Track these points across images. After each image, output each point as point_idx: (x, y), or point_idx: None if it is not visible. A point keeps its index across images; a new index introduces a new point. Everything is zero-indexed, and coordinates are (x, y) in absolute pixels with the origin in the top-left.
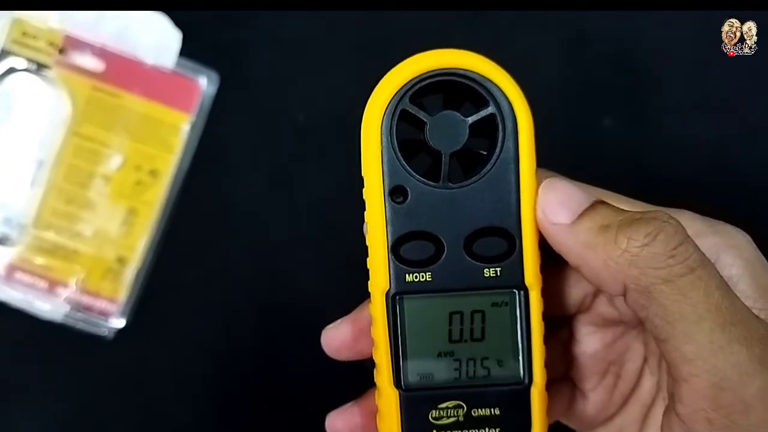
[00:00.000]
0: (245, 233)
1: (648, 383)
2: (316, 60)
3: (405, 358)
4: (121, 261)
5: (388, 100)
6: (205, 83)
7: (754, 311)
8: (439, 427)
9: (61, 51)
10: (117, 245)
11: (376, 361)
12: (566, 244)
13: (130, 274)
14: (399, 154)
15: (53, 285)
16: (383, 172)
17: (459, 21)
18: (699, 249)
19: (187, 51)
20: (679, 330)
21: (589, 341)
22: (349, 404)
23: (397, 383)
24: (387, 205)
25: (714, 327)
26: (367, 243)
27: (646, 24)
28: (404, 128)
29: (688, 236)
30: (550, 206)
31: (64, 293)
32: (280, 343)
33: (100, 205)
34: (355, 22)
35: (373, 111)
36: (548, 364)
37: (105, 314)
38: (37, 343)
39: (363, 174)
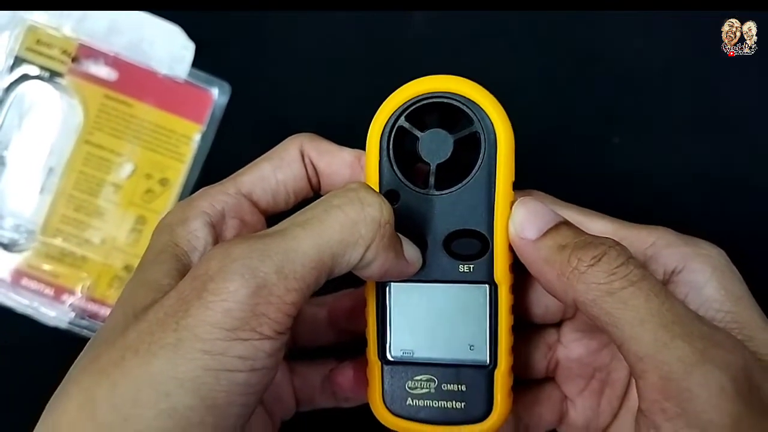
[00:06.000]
0: None
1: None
2: (325, 72)
3: (389, 335)
4: (129, 269)
5: (387, 118)
6: (216, 94)
7: (719, 314)
8: (414, 396)
9: (75, 59)
10: (125, 253)
11: (366, 337)
12: (530, 257)
13: None
14: (394, 164)
15: (59, 292)
16: (380, 178)
17: (465, 43)
18: (641, 266)
19: (199, 62)
20: (628, 333)
21: (574, 347)
22: (347, 362)
23: (381, 356)
24: None
25: (656, 327)
26: None
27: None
28: (409, 140)
29: (631, 258)
30: (520, 222)
31: (69, 300)
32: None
33: (109, 213)
34: (365, 37)
35: (375, 126)
36: (531, 364)
37: None
38: (41, 350)
39: (365, 179)
